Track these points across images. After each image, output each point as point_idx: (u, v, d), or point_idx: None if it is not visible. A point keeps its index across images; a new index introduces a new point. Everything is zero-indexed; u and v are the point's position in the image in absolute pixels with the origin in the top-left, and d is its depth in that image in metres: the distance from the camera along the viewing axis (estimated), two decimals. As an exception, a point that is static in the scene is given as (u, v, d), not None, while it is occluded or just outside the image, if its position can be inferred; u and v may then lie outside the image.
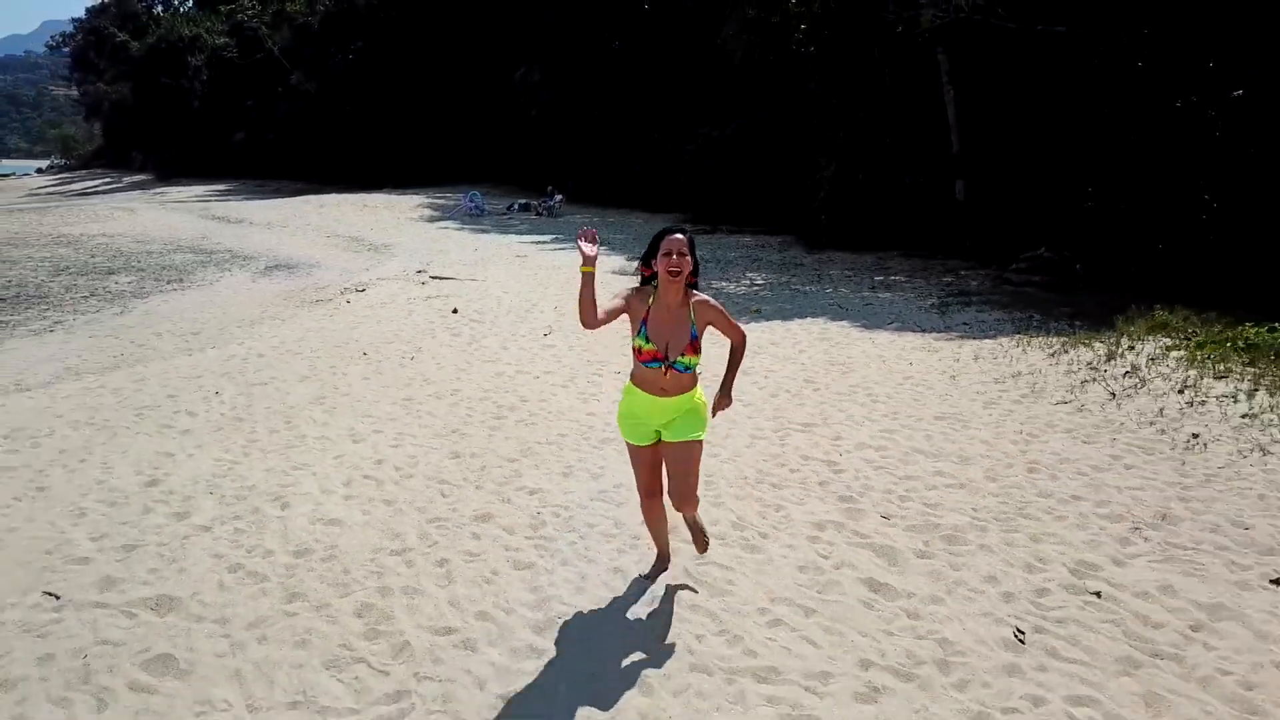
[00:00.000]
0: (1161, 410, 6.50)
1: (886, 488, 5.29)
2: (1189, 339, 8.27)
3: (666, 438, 3.80)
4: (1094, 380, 7.39)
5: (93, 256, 22.22)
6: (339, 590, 4.11)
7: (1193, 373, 7.23)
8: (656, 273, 3.65)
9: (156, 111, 57.40)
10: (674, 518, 4.26)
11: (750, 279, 15.77)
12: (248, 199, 40.18)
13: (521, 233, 25.05)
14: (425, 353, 9.63)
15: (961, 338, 9.88)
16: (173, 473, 5.68)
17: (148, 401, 7.53)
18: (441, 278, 16.35)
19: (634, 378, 3.82)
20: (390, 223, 28.09)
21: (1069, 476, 5.40)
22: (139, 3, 69.73)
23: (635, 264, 7.35)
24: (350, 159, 42.46)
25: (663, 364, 3.67)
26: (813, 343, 9.91)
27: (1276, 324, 8.18)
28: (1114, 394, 6.94)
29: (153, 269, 20.31)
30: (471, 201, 29.83)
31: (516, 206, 30.14)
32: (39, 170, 79.79)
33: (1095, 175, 14.57)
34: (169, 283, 18.41)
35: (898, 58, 16.33)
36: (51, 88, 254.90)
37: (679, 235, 3.65)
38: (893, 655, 3.54)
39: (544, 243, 22.60)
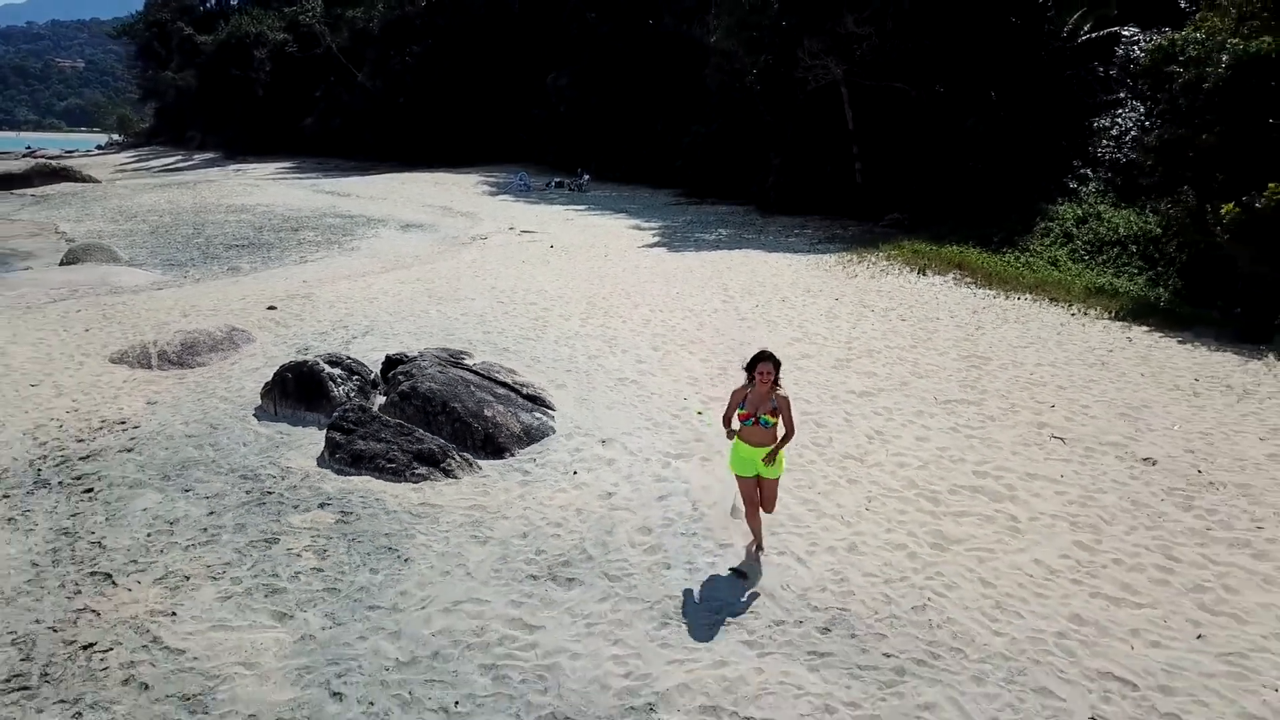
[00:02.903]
0: (855, 270, 17.44)
1: (737, 289, 16.21)
2: (901, 251, 19.17)
3: (764, 476, 6.61)
4: (844, 266, 18.30)
5: (270, 220, 32.81)
6: (571, 305, 15.03)
7: (884, 261, 18.13)
8: (755, 376, 6.44)
9: (222, 97, 67.67)
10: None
11: (719, 232, 26.55)
12: (326, 175, 50.84)
13: (561, 204, 35.69)
14: (552, 264, 20.45)
15: (811, 255, 20.75)
16: (498, 285, 16.58)
17: (452, 276, 18.39)
18: (528, 231, 27.14)
19: (740, 436, 6.57)
20: (461, 196, 38.78)
21: (801, 286, 16.32)
22: (193, -3, 79.61)
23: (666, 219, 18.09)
24: (406, 142, 53.06)
25: (753, 420, 6.44)
26: (738, 259, 20.75)
27: (948, 243, 19.02)
28: (843, 267, 17.88)
29: (322, 228, 30.91)
30: (520, 179, 40.57)
31: (554, 183, 40.83)
32: (99, 147, 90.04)
33: (920, 167, 25.34)
34: (344, 235, 29.04)
35: (814, 94, 26.98)
36: (58, 60, 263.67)
37: (768, 361, 6.42)
38: (722, 315, 14.47)
39: (582, 210, 33.32)
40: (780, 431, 6.62)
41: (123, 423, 10.13)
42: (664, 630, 6.07)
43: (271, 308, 14.76)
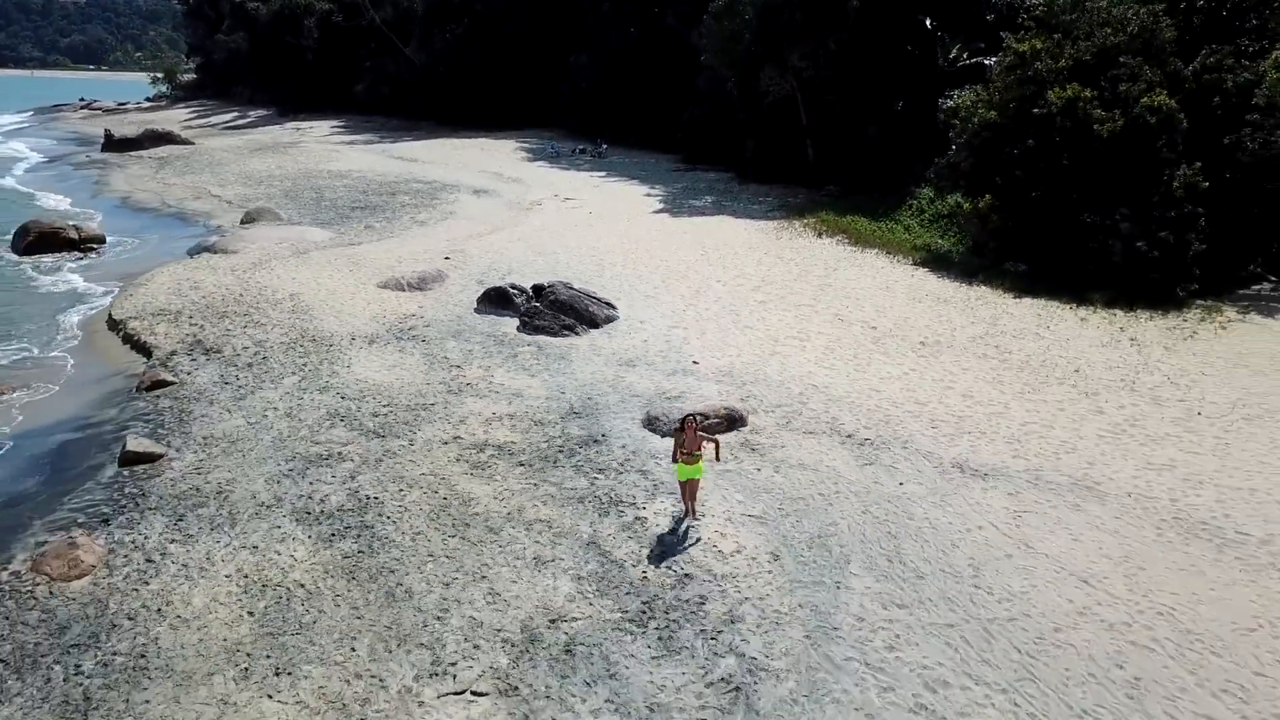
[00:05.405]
0: (782, 235, 29.39)
1: (710, 245, 28.14)
2: (816, 220, 31.07)
3: (694, 476, 11.82)
4: (777, 231, 30.23)
5: (368, 184, 44.09)
6: (615, 256, 26.99)
7: (801, 228, 30.07)
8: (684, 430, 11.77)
9: (274, 60, 78.39)
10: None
11: (706, 199, 38.21)
12: (379, 135, 62.18)
13: (587, 170, 47.09)
14: (595, 228, 32.22)
15: (763, 220, 32.55)
16: (567, 244, 28.54)
17: (536, 238, 30.23)
18: (569, 199, 38.80)
19: (683, 461, 11.67)
20: (506, 162, 50.22)
21: (748, 245, 28.26)
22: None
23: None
24: (446, 106, 64.26)
25: (689, 455, 11.56)
26: (714, 224, 32.48)
27: (852, 215, 30.93)
28: (776, 233, 29.82)
29: (411, 192, 42.34)
30: (552, 147, 52.09)
31: (578, 150, 52.30)
32: (148, 100, 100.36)
33: (847, 154, 36.96)
34: (432, 199, 40.54)
35: (776, 97, 38.40)
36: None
37: (694, 422, 11.95)
38: (681, 248, 26.55)
39: (603, 176, 44.83)
40: (707, 456, 12.13)
41: (412, 315, 22.26)
42: (672, 376, 18.26)
43: (447, 258, 26.79)
